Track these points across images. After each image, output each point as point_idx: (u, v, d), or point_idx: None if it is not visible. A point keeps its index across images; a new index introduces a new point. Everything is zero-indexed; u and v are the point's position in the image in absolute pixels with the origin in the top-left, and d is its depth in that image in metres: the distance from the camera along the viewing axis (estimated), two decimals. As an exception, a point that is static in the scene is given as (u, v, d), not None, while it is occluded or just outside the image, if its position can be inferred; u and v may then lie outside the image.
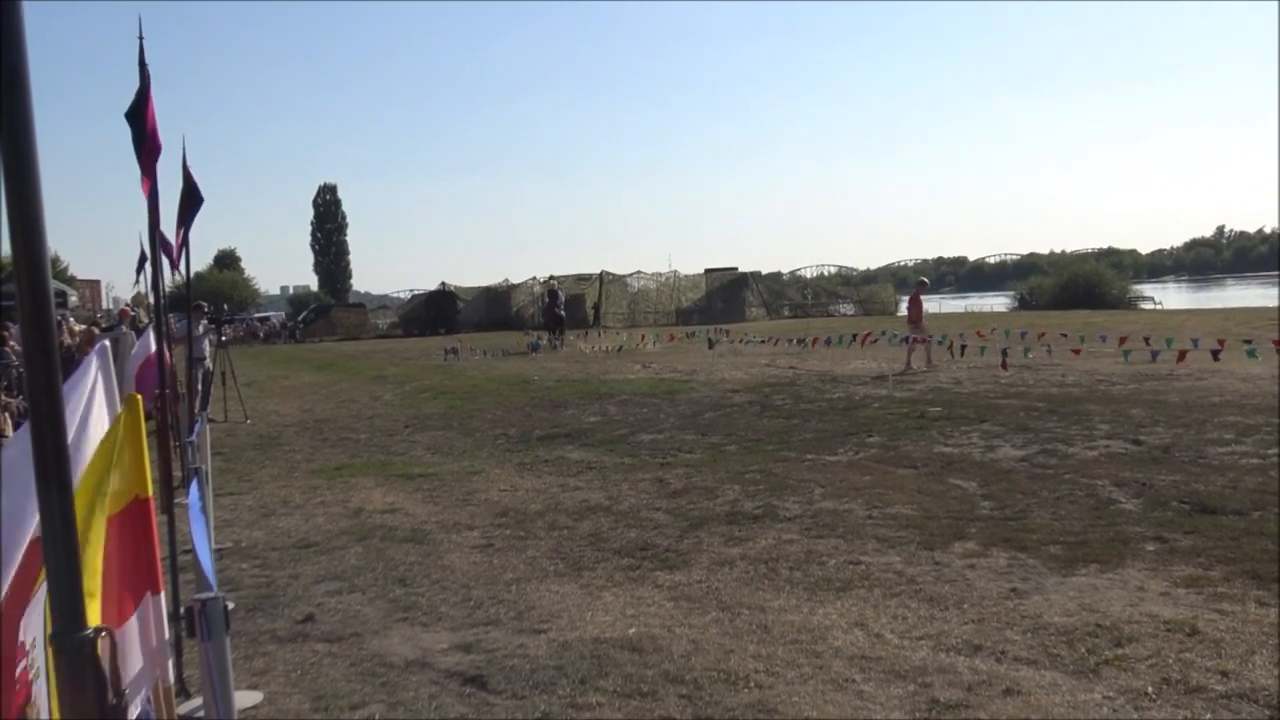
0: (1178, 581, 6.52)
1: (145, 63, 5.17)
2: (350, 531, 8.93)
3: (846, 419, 14.14)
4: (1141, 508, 8.45)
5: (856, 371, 21.04)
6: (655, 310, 60.32)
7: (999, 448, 11.42)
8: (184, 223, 7.43)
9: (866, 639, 5.78)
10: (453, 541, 8.44)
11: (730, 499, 9.51)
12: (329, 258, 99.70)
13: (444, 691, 5.32)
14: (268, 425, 17.10)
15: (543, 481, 10.86)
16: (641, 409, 16.41)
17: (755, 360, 25.03)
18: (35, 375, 1.49)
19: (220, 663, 2.80)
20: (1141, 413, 13.34)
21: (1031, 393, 16.11)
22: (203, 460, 7.43)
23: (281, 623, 6.55)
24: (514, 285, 63.91)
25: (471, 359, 30.62)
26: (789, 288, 68.54)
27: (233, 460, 13.24)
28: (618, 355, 28.91)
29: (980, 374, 19.50)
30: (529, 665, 5.61)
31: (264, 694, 5.40)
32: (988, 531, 7.93)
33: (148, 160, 5.08)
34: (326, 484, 11.31)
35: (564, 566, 7.57)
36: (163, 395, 6.91)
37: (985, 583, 6.68)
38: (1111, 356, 20.58)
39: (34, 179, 1.48)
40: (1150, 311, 49.77)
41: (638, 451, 12.38)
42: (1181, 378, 16.98)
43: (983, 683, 5.08)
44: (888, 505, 8.93)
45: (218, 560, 7.81)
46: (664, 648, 5.77)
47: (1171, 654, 5.34)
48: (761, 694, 5.08)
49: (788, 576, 7.04)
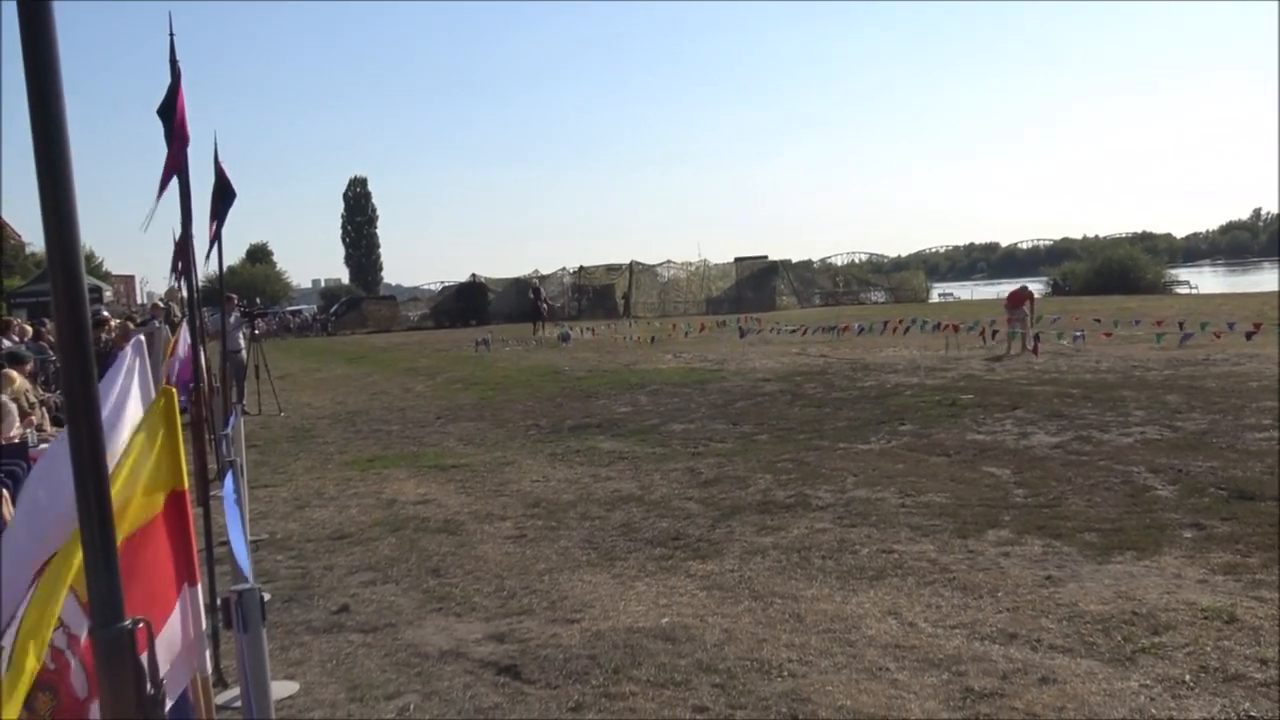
0: (1215, 568, 6.46)
1: (176, 60, 5.21)
2: (384, 523, 8.98)
3: (878, 407, 14.08)
4: (1178, 494, 8.37)
5: (888, 359, 20.95)
6: (685, 300, 60.24)
7: (1032, 435, 11.34)
8: (217, 217, 7.50)
9: (900, 628, 5.76)
10: (485, 532, 8.47)
11: (762, 488, 9.50)
12: (360, 250, 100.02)
13: (478, 681, 5.35)
14: (301, 417, 17.21)
15: (574, 472, 10.88)
16: (673, 399, 16.41)
17: (786, 349, 24.97)
18: (71, 369, 1.50)
19: (256, 653, 2.82)
20: (1177, 398, 13.21)
21: (1065, 379, 16.00)
22: (238, 453, 7.49)
23: (317, 613, 6.60)
24: (544, 276, 63.98)
25: (502, 350, 30.71)
26: (820, 276, 68.18)
27: (267, 453, 13.34)
28: (648, 345, 28.90)
29: (1013, 360, 19.39)
30: (562, 655, 5.62)
31: (300, 684, 5.44)
32: (1022, 519, 7.88)
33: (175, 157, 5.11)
34: (360, 475, 11.37)
35: (596, 556, 7.58)
36: (197, 388, 6.96)
37: (1020, 571, 6.65)
38: (1145, 341, 20.38)
39: (67, 176, 1.49)
40: (1185, 296, 49.23)
41: (669, 441, 12.38)
42: (1218, 363, 16.80)
43: (1018, 671, 5.05)
44: (920, 493, 8.89)
45: (253, 552, 7.88)
46: (697, 637, 5.78)
47: (1209, 642, 5.29)
48: (795, 683, 5.08)
49: (820, 565, 7.02)
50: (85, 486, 1.50)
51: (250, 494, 9.22)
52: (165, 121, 5.21)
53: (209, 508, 5.81)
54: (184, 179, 5.47)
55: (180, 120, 5.20)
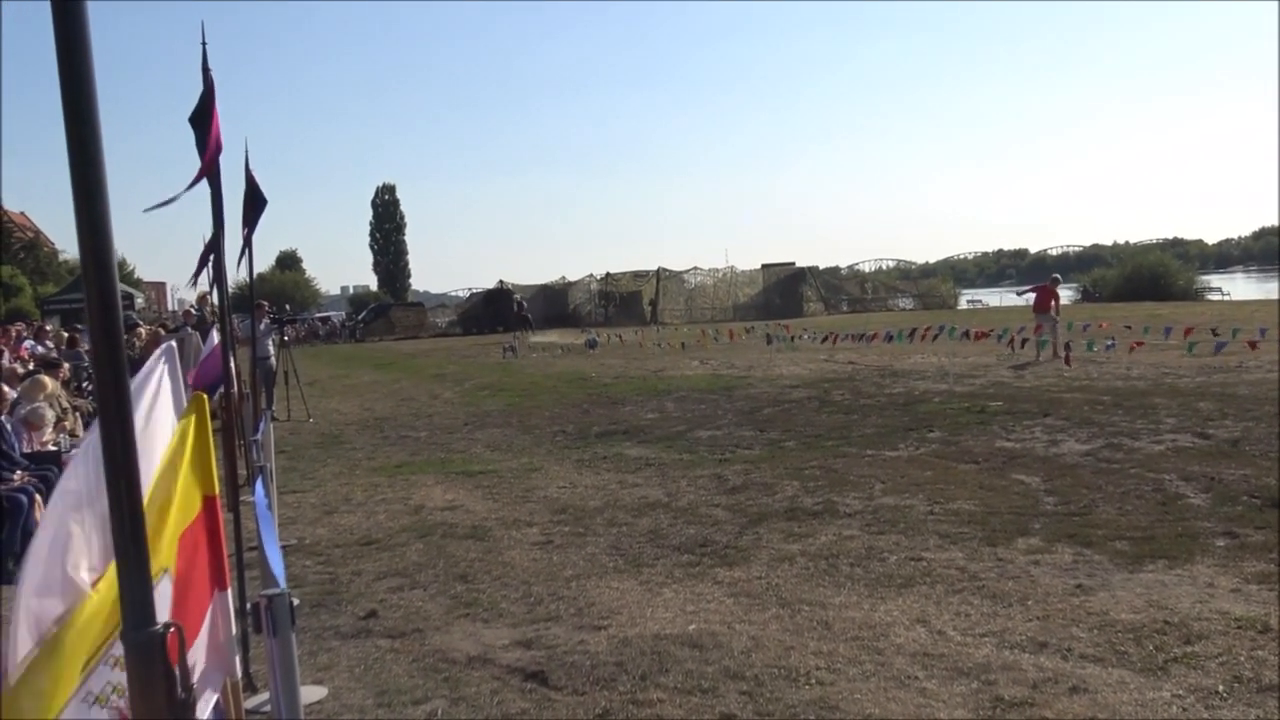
0: (1249, 578, 6.39)
1: (208, 68, 5.25)
2: (411, 528, 9.01)
3: (907, 414, 14.02)
4: (1210, 502, 8.29)
5: (916, 366, 20.86)
6: (712, 306, 60.25)
7: (1063, 442, 11.26)
8: (248, 224, 7.54)
9: (929, 636, 5.73)
10: (513, 538, 8.49)
11: (789, 495, 9.47)
12: (388, 257, 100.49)
13: (505, 687, 5.36)
14: (330, 424, 17.30)
15: (601, 478, 10.88)
16: (699, 405, 16.39)
17: (814, 355, 24.91)
18: (103, 373, 1.52)
19: (286, 658, 2.83)
20: (1209, 405, 13.09)
21: (1096, 386, 15.88)
22: (267, 458, 7.54)
23: (345, 619, 6.63)
24: (571, 283, 64.09)
25: (530, 356, 30.77)
26: (847, 282, 68.07)
27: (296, 458, 13.41)
28: (675, 352, 28.90)
29: (1043, 368, 19.28)
30: (589, 661, 5.63)
31: (328, 689, 5.46)
32: (1052, 527, 7.83)
33: (208, 165, 5.15)
34: (388, 481, 11.42)
35: (623, 563, 7.58)
36: (227, 395, 7.02)
37: (1050, 579, 6.60)
38: (1177, 349, 20.21)
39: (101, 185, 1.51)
40: (1217, 303, 48.83)
41: (696, 448, 12.37)
42: (1251, 370, 16.64)
43: (1048, 680, 5.01)
44: (949, 501, 8.85)
45: (283, 557, 7.93)
46: (724, 644, 5.76)
47: (1243, 651, 5.23)
48: (823, 691, 5.06)
49: (848, 573, 6.99)
50: (118, 492, 1.51)
51: (279, 499, 9.28)
52: (197, 130, 5.25)
53: (239, 513, 5.84)
54: (216, 187, 5.51)
55: (214, 129, 5.23)
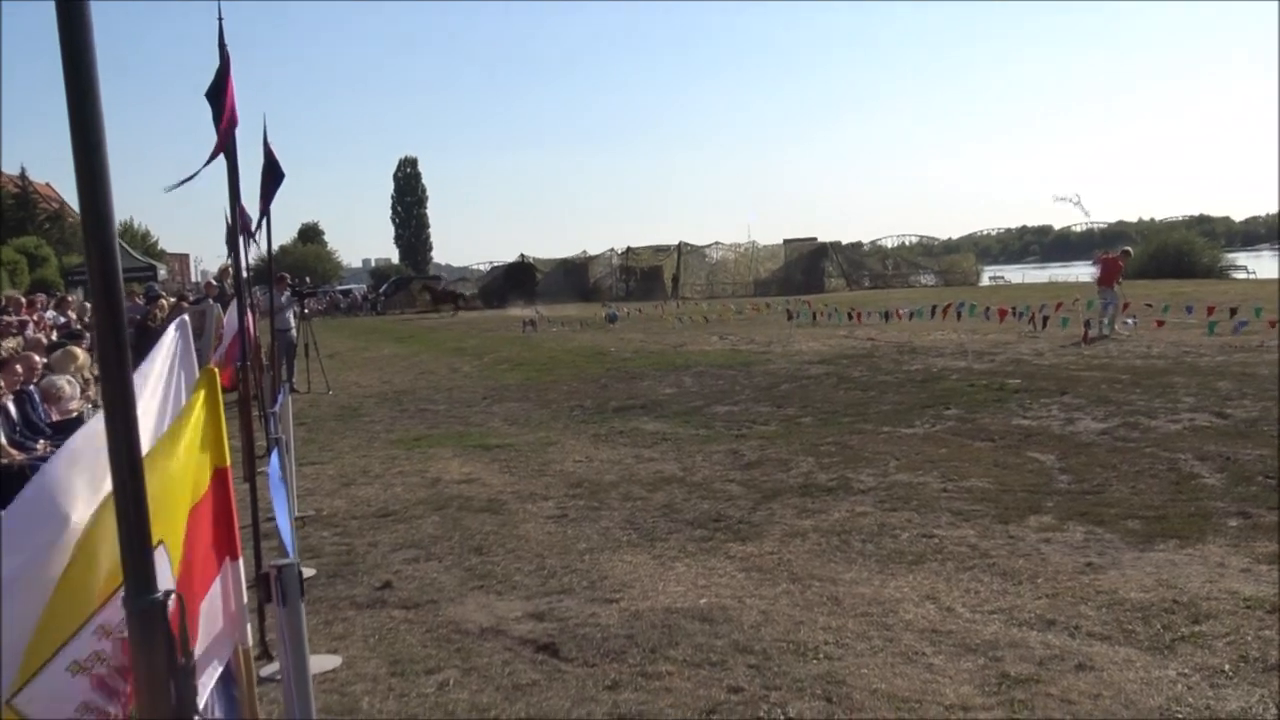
0: (1260, 558, 6.38)
1: (224, 43, 5.29)
2: (428, 501, 9.08)
3: (924, 391, 14.01)
4: (1224, 482, 8.28)
5: (935, 343, 20.80)
6: (734, 281, 60.13)
7: (1079, 420, 11.24)
8: (265, 197, 7.61)
9: (938, 612, 5.76)
10: (528, 512, 8.55)
11: (804, 471, 9.50)
12: (409, 230, 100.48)
13: (517, 658, 5.42)
14: (349, 396, 17.42)
15: (617, 453, 10.93)
16: (717, 381, 16.41)
17: (834, 332, 24.88)
18: (105, 340, 1.56)
19: (295, 626, 2.89)
20: (1229, 385, 13.02)
21: (1115, 364, 15.82)
22: (285, 430, 7.62)
23: (360, 589, 6.71)
24: (592, 257, 64.06)
25: (549, 330, 30.83)
26: (869, 258, 67.66)
27: (315, 430, 13.52)
28: (695, 327, 28.90)
29: (1062, 346, 19.20)
30: (600, 634, 5.68)
31: (343, 658, 5.54)
32: (1064, 505, 7.83)
33: (223, 139, 5.20)
34: (405, 454, 11.50)
35: (637, 537, 7.63)
36: (244, 366, 7.08)
37: (1060, 557, 6.61)
38: (1199, 328, 20.08)
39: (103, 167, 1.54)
40: (1242, 281, 48.40)
41: (713, 423, 12.40)
42: (1272, 349, 16.51)
43: (1055, 657, 5.04)
44: (963, 478, 8.86)
45: (300, 528, 8.02)
46: (734, 618, 5.81)
47: (1251, 631, 5.24)
48: (831, 665, 5.10)
49: (860, 549, 7.03)
50: (120, 460, 1.55)
51: (297, 471, 9.37)
52: (214, 105, 5.30)
53: (255, 484, 5.91)
54: (232, 160, 5.55)
55: (230, 105, 5.28)
